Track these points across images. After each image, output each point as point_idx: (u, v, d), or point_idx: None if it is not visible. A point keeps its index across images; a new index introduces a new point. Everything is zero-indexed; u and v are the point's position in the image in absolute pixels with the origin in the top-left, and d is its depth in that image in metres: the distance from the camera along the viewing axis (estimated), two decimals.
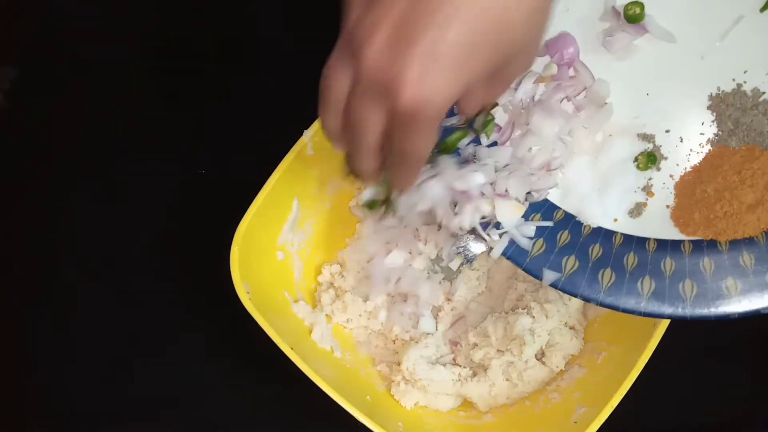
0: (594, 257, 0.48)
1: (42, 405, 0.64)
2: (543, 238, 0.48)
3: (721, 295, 0.44)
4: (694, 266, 0.46)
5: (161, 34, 0.73)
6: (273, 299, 0.59)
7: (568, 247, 0.48)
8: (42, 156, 0.70)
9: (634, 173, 0.49)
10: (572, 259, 0.48)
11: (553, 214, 0.49)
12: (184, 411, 0.63)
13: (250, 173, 0.57)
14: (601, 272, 0.47)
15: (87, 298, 0.66)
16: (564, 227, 0.49)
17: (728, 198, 0.45)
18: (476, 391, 0.58)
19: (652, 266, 0.46)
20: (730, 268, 0.45)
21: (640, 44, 0.48)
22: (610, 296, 0.47)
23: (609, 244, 0.48)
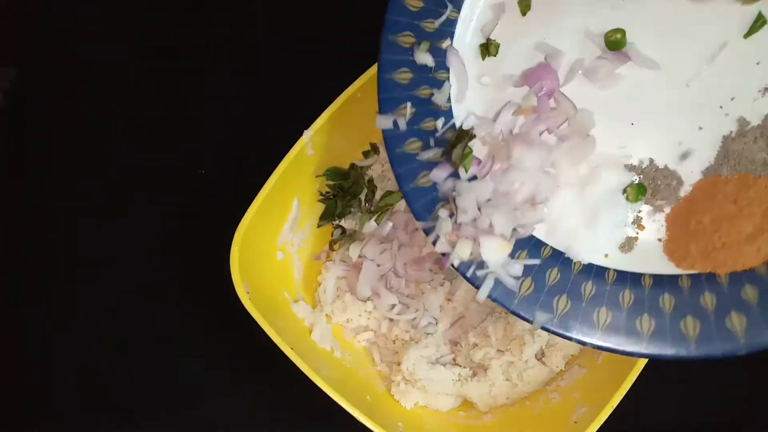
0: (587, 296, 0.45)
1: (42, 405, 0.64)
2: (531, 277, 0.45)
3: (725, 331, 0.42)
4: (694, 302, 0.43)
5: (161, 34, 0.73)
6: (273, 299, 0.59)
7: (558, 286, 0.45)
8: (42, 156, 0.70)
9: (623, 205, 0.47)
10: (564, 299, 0.45)
11: (540, 250, 0.46)
12: (184, 411, 0.63)
13: (250, 173, 0.57)
14: (596, 312, 0.45)
15: (87, 298, 0.66)
16: (553, 265, 0.46)
17: (726, 228, 0.44)
18: (476, 391, 0.58)
19: (650, 303, 0.44)
20: (733, 303, 0.42)
21: (623, 72, 0.47)
22: (608, 338, 0.44)
23: (602, 281, 0.46)
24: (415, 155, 0.47)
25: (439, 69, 0.48)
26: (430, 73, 0.48)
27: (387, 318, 0.62)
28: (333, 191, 0.63)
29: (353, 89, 0.57)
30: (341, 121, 0.58)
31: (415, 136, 0.47)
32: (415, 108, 0.47)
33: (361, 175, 0.63)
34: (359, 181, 0.63)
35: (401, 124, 0.47)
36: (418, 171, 0.46)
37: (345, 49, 0.67)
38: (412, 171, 0.46)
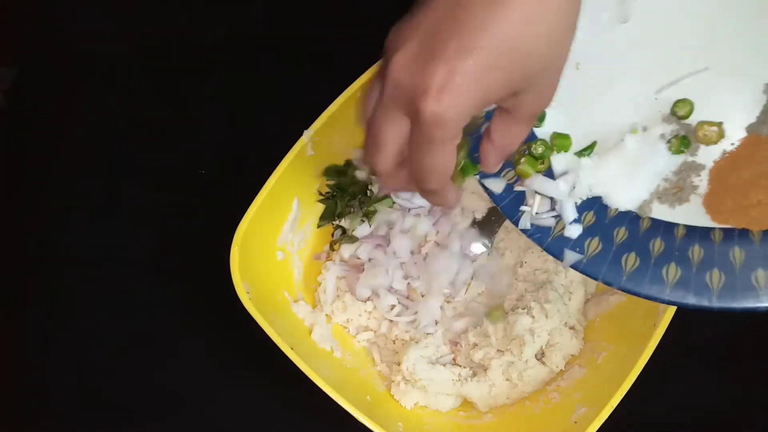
0: (618, 240, 0.46)
1: (42, 405, 0.64)
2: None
3: (750, 287, 0.42)
4: (723, 256, 0.44)
5: (161, 34, 0.73)
6: (273, 299, 0.60)
7: (592, 229, 0.46)
8: (42, 156, 0.70)
9: (666, 156, 0.47)
10: (596, 241, 0.46)
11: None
12: (183, 411, 0.63)
13: (250, 173, 0.57)
14: (625, 256, 0.45)
15: (87, 298, 0.66)
16: (589, 208, 0.47)
17: (764, 185, 0.43)
18: (476, 391, 0.58)
19: (679, 253, 0.44)
20: (762, 259, 0.42)
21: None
22: (632, 281, 0.45)
23: (635, 227, 0.46)
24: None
25: None
26: None
27: (387, 318, 0.62)
28: (333, 191, 0.63)
29: (353, 89, 0.57)
30: (341, 121, 0.58)
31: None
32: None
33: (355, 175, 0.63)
34: (357, 180, 0.63)
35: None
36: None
37: (345, 49, 0.67)
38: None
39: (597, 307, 0.61)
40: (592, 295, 0.62)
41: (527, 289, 0.61)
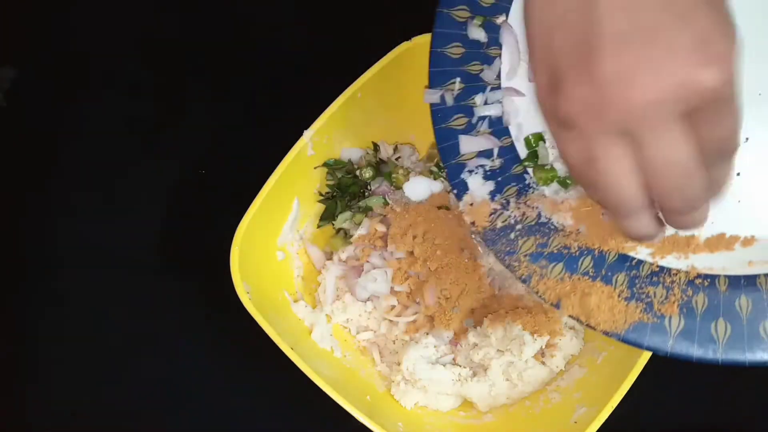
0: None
1: (42, 405, 0.64)
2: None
3: (758, 338, 0.40)
4: (729, 305, 0.41)
5: (161, 34, 0.73)
6: (273, 299, 0.60)
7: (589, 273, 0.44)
8: (42, 156, 0.70)
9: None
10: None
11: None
12: (183, 411, 0.63)
13: (250, 173, 0.57)
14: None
15: (87, 298, 0.66)
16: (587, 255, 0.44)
17: None
18: (476, 391, 0.58)
19: (684, 302, 0.42)
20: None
21: None
22: (635, 332, 0.42)
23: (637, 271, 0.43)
24: (458, 131, 0.47)
25: (491, 45, 0.47)
26: (481, 48, 0.47)
27: (387, 318, 0.62)
28: (333, 191, 0.63)
29: (353, 89, 0.57)
30: (341, 121, 0.58)
31: (461, 112, 0.47)
32: (464, 84, 0.47)
33: (358, 176, 0.63)
34: (357, 181, 0.63)
35: (448, 100, 0.46)
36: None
37: (345, 49, 0.68)
38: (455, 147, 0.46)
39: None
40: None
41: (527, 289, 0.61)
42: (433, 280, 0.59)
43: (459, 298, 0.60)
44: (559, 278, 0.44)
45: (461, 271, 0.60)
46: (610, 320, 0.42)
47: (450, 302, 0.60)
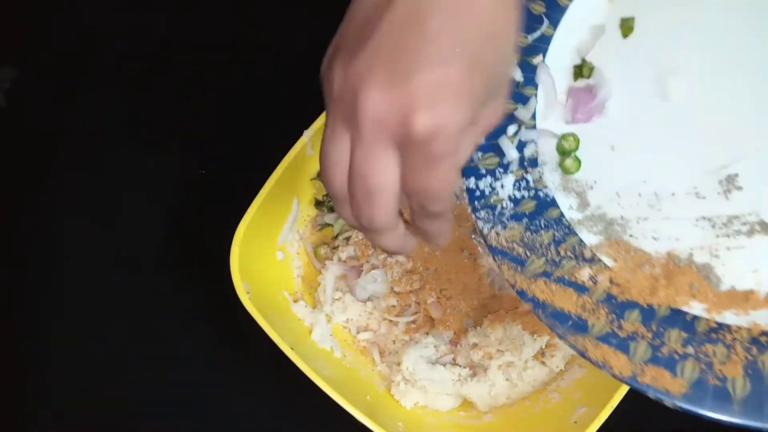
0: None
1: (42, 405, 0.64)
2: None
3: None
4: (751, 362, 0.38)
5: (161, 34, 0.73)
6: (273, 299, 0.60)
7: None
8: (42, 156, 0.70)
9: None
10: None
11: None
12: (183, 411, 0.63)
13: (250, 173, 0.57)
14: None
15: (87, 298, 0.66)
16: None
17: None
18: (476, 391, 0.58)
19: (749, 362, 0.38)
20: None
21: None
22: (689, 397, 0.39)
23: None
24: (490, 170, 0.44)
25: (527, 85, 0.46)
26: (517, 88, 0.46)
27: (387, 318, 0.62)
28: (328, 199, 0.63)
29: None
30: None
31: (492, 151, 0.45)
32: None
33: None
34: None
35: None
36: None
37: None
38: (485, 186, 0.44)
39: None
40: None
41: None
42: (435, 285, 0.60)
43: (459, 298, 0.60)
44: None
45: (461, 271, 0.60)
46: (661, 380, 0.39)
47: (450, 302, 0.60)
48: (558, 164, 0.45)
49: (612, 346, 0.39)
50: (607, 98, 0.46)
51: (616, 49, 0.47)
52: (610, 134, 0.46)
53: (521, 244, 0.42)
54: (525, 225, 0.43)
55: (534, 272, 0.42)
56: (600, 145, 0.46)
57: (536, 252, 0.42)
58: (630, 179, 0.44)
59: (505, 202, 0.44)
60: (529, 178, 0.45)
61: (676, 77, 0.46)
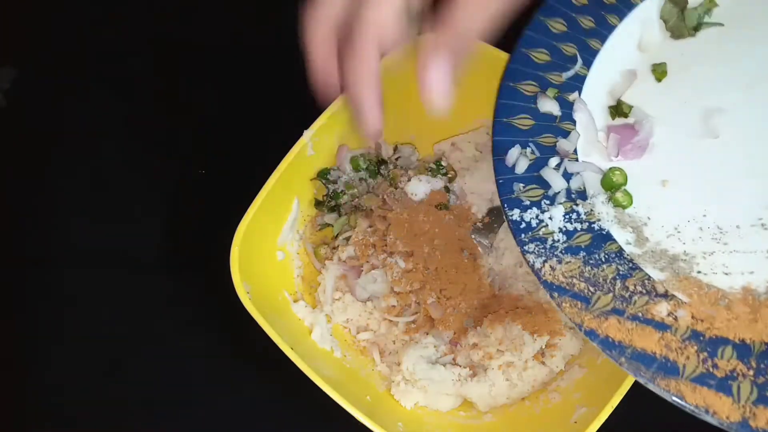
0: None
1: (42, 405, 0.64)
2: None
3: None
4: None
5: (161, 34, 0.73)
6: (273, 299, 0.60)
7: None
8: (42, 156, 0.70)
9: None
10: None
11: None
12: (183, 411, 0.63)
13: (250, 173, 0.57)
14: None
15: (87, 298, 0.66)
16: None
17: None
18: (476, 391, 0.58)
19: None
20: None
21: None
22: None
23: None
24: (536, 202, 0.44)
25: (564, 120, 0.46)
26: (555, 122, 0.45)
27: (387, 318, 0.62)
28: (327, 200, 0.63)
29: None
30: (341, 121, 0.58)
31: (535, 183, 0.44)
32: (538, 153, 0.44)
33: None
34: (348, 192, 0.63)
35: (520, 167, 0.44)
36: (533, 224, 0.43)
37: None
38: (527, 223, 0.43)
39: None
40: None
41: (527, 288, 0.61)
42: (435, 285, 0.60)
43: (459, 298, 0.60)
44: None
45: (461, 271, 0.60)
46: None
47: (450, 302, 0.60)
48: (608, 198, 0.44)
49: (712, 388, 0.36)
50: (651, 135, 0.45)
51: (651, 92, 0.47)
52: (660, 170, 0.45)
53: (582, 279, 0.40)
54: (583, 259, 0.41)
55: (602, 309, 0.39)
56: (649, 182, 0.45)
57: (600, 288, 0.40)
58: (688, 214, 0.43)
59: (557, 234, 0.42)
60: (580, 210, 0.43)
61: (721, 114, 0.45)
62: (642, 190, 0.45)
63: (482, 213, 0.62)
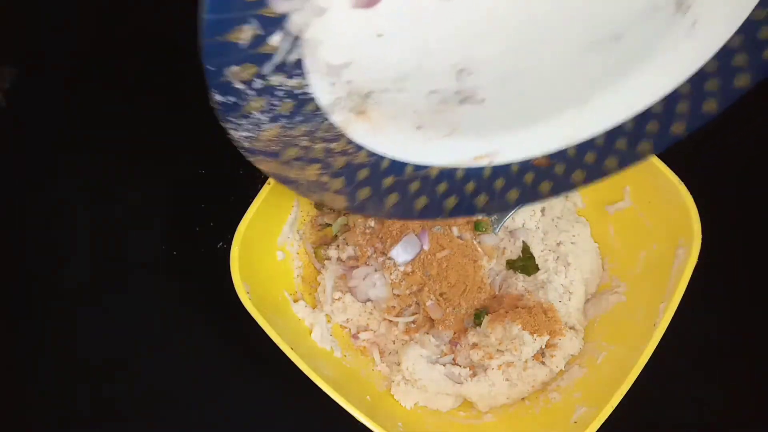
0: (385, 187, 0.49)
1: (42, 405, 0.64)
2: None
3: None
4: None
5: (161, 33, 0.73)
6: (273, 299, 0.60)
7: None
8: (42, 156, 0.70)
9: None
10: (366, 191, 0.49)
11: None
12: (184, 411, 0.63)
13: (250, 173, 0.57)
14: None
15: (87, 298, 0.66)
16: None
17: None
18: (476, 391, 0.58)
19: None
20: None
21: None
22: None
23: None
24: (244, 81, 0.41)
25: None
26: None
27: (387, 318, 0.62)
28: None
29: None
30: None
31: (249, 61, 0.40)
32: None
33: None
34: None
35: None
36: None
37: None
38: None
39: (597, 307, 0.61)
40: (592, 295, 0.62)
41: (527, 288, 0.61)
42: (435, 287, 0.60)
43: (459, 298, 0.60)
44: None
45: (461, 271, 0.60)
46: None
47: (450, 303, 0.60)
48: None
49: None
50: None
51: None
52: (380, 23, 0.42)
53: (278, 143, 0.44)
54: (281, 125, 0.43)
55: (289, 158, 0.45)
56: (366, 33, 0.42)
57: (291, 145, 0.44)
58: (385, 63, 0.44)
59: (260, 112, 0.42)
60: (291, 82, 0.42)
61: None
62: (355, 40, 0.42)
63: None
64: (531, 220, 0.63)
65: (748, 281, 0.64)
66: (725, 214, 0.58)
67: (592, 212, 0.64)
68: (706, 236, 0.54)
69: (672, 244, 0.56)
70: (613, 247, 0.63)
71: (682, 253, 0.55)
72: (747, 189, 0.67)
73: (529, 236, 0.62)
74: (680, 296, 0.53)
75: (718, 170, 0.67)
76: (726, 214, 0.59)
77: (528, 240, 0.62)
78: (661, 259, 0.57)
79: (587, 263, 0.62)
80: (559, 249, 0.62)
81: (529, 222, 0.63)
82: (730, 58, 0.48)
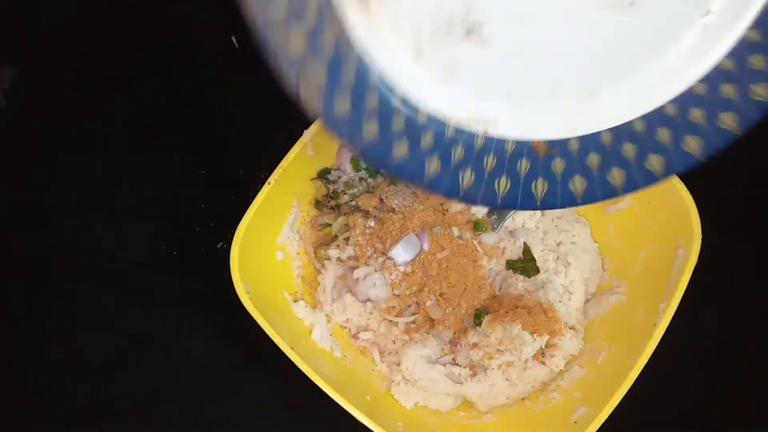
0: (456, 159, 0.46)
1: (42, 405, 0.64)
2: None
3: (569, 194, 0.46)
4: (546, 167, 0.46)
5: (161, 34, 0.73)
6: (273, 299, 0.60)
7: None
8: (41, 156, 0.70)
9: None
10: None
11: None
12: (184, 411, 0.63)
13: (250, 173, 0.57)
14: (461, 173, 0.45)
15: (87, 298, 0.66)
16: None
17: None
18: (476, 391, 0.58)
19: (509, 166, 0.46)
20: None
21: None
22: (468, 196, 0.46)
23: (470, 145, 0.46)
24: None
25: None
26: None
27: (387, 318, 0.62)
28: (326, 200, 0.63)
29: None
30: None
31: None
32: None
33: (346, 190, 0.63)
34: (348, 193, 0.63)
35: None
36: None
37: None
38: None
39: (597, 307, 0.61)
40: (592, 295, 0.62)
41: (527, 288, 0.61)
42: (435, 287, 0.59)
43: (459, 298, 0.60)
44: None
45: (461, 271, 0.60)
46: None
47: (450, 303, 0.60)
48: None
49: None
50: None
51: None
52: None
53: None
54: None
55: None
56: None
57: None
58: None
59: None
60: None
61: None
62: None
63: (482, 213, 0.62)
64: (531, 220, 0.63)
65: (748, 281, 0.64)
66: (725, 214, 0.58)
67: (592, 212, 0.64)
68: (706, 236, 0.54)
69: (672, 244, 0.56)
70: (613, 247, 0.63)
71: (682, 253, 0.55)
72: (747, 189, 0.67)
73: (529, 236, 0.62)
74: (680, 296, 0.53)
75: (718, 170, 0.67)
76: (726, 214, 0.59)
77: (528, 240, 0.62)
78: (661, 259, 0.57)
79: (587, 263, 0.62)
80: (559, 249, 0.62)
81: (529, 222, 0.63)
82: (745, 59, 0.45)
